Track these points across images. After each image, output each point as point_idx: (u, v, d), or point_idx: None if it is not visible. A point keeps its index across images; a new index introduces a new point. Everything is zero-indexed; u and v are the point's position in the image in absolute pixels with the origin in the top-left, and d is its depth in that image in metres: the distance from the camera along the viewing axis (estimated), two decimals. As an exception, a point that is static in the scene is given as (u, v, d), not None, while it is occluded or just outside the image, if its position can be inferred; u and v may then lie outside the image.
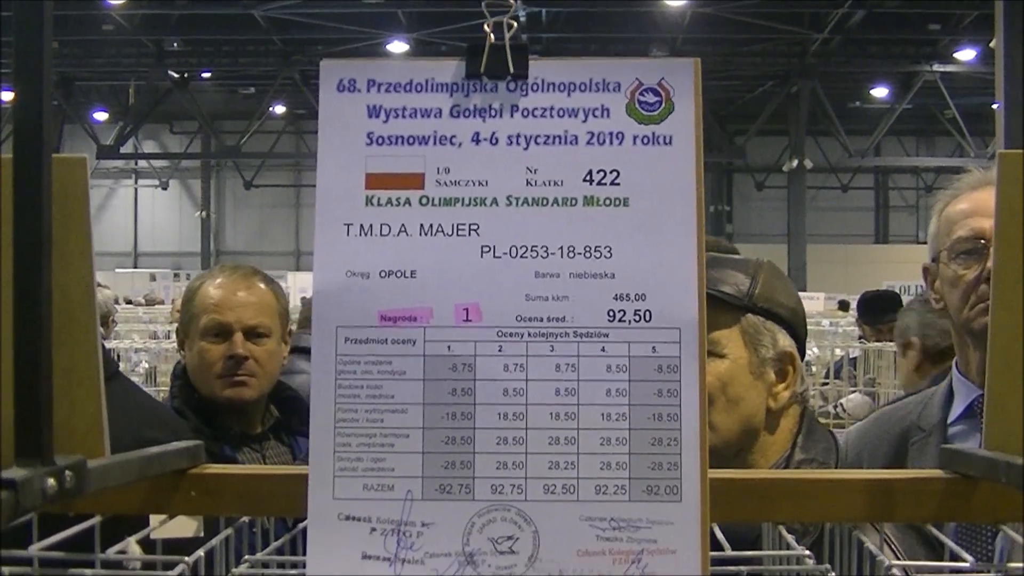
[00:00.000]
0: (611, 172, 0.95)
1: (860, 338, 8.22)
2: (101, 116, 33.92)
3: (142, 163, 39.15)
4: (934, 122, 33.25)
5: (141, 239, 39.17)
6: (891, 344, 7.33)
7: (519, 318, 0.92)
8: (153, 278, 27.98)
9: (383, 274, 0.93)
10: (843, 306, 16.35)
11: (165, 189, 39.48)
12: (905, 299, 7.81)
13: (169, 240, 38.74)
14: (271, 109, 33.44)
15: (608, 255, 0.93)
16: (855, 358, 7.42)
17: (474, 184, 0.95)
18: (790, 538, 1.32)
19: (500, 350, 0.91)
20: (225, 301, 3.26)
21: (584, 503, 0.89)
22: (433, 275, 0.93)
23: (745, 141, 31.50)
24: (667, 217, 0.93)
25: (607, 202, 0.94)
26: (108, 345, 6.70)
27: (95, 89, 32.72)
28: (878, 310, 7.68)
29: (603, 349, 0.91)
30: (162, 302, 20.11)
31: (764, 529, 1.40)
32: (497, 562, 0.88)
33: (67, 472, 1.09)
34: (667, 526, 0.88)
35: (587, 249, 0.93)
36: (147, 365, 7.83)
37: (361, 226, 0.94)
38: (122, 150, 31.96)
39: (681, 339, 0.91)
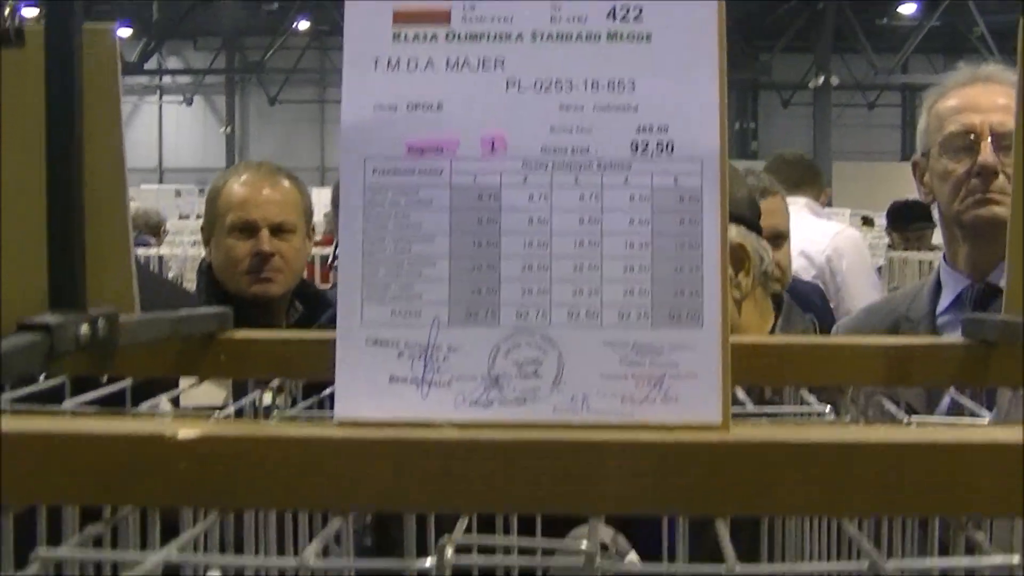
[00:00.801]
0: (634, 8, 0.95)
1: (889, 246, 8.29)
2: (124, 32, 33.83)
3: (166, 79, 39.08)
4: (962, 40, 32.95)
5: (166, 155, 39.19)
6: (916, 252, 7.37)
7: (544, 149, 0.93)
8: (178, 194, 27.95)
9: (410, 107, 0.94)
10: (867, 221, 16.29)
11: (189, 105, 39.45)
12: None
13: (194, 156, 38.74)
14: (295, 25, 33.31)
15: (631, 89, 0.94)
16: (880, 267, 7.47)
17: (499, 20, 0.95)
18: (810, 397, 1.34)
19: (525, 180, 0.92)
20: (251, 198, 3.29)
21: (607, 328, 0.90)
22: (459, 108, 0.94)
23: (771, 58, 31.27)
24: (689, 52, 0.94)
25: (630, 37, 0.95)
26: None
27: (118, 5, 32.62)
28: (907, 218, 7.73)
29: (626, 180, 0.92)
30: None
31: (786, 390, 1.43)
32: (522, 385, 0.89)
33: (100, 321, 1.11)
34: (689, 351, 0.89)
35: (610, 83, 0.94)
36: (173, 273, 7.89)
37: (389, 60, 0.95)
38: (146, 67, 31.92)
39: (703, 170, 0.92)
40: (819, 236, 5.17)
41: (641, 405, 0.89)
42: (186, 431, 0.80)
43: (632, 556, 1.27)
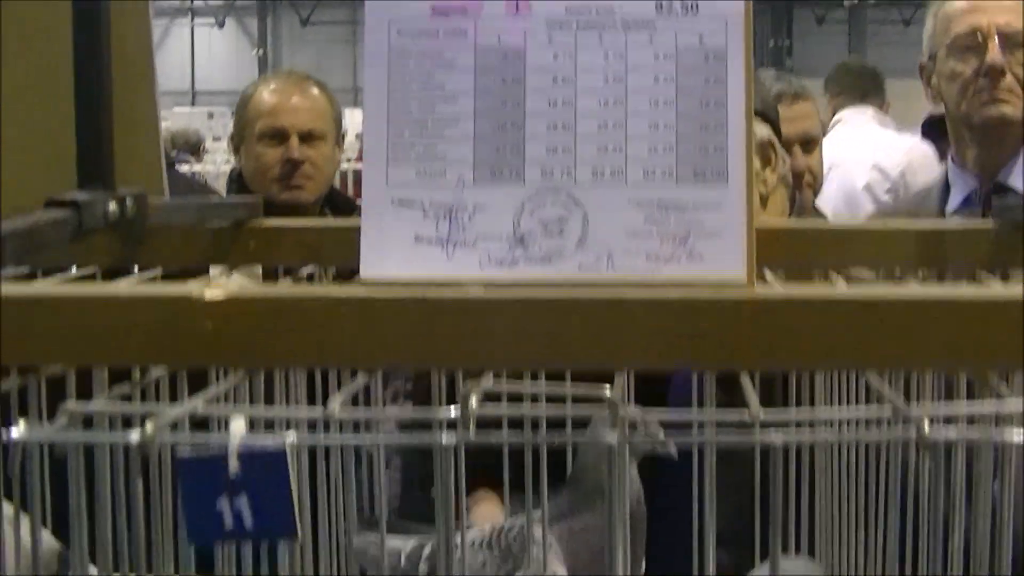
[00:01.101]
0: None
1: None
2: (155, -46, 33.70)
3: (197, 2, 38.92)
4: (1001, -46, 32.50)
5: (198, 78, 39.06)
6: (950, 165, 7.31)
7: (568, 9, 0.92)
8: (211, 116, 27.90)
9: (434, -32, 0.94)
10: (901, 137, 16.18)
11: (221, 28, 39.29)
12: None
13: (226, 79, 38.55)
14: (326, -56, 33.10)
15: (656, -53, 0.93)
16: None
17: None
18: (840, 280, 1.34)
19: (550, 40, 0.92)
20: (280, 105, 3.27)
21: (632, 186, 0.90)
22: (483, -32, 0.93)
23: (806, -26, 30.92)
24: (713, -88, 0.93)
25: (653, -102, 0.94)
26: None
27: (149, -74, 32.41)
28: (943, 130, 7.65)
29: (651, 39, 0.92)
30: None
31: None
32: (547, 244, 0.89)
33: (128, 199, 1.12)
34: (713, 209, 0.89)
35: (635, -58, 0.93)
36: (206, 191, 7.90)
37: (411, -77, 0.94)
38: (177, -12, 31.81)
39: (727, 29, 0.91)
40: (892, 151, 5.08)
41: (666, 263, 0.89)
42: (212, 292, 0.81)
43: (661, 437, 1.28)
